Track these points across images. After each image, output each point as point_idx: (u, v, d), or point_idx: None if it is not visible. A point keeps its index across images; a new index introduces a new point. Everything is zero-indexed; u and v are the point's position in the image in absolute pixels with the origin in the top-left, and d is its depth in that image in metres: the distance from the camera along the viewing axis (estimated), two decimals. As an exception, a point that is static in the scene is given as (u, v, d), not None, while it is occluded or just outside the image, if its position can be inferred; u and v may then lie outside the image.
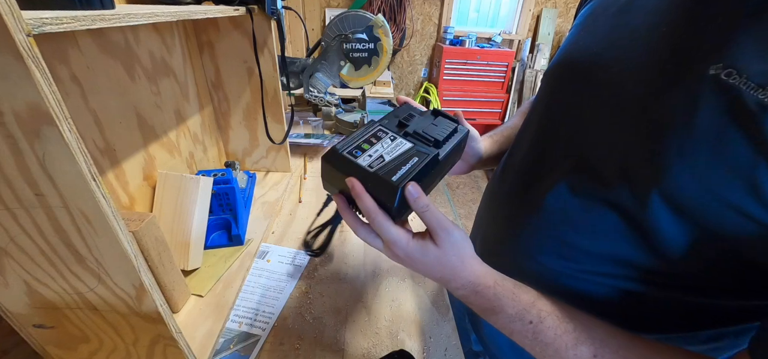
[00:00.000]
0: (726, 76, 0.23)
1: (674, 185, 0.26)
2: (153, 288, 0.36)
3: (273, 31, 0.75)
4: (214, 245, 0.68)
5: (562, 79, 0.41)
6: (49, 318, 0.39)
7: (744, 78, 0.23)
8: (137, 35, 0.58)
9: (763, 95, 0.22)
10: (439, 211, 0.35)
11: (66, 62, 0.46)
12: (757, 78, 0.22)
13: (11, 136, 0.25)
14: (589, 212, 0.35)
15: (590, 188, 0.34)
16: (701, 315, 0.34)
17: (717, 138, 0.24)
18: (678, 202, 0.27)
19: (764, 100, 0.22)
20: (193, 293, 0.58)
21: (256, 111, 0.83)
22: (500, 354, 0.54)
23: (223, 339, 0.52)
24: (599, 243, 0.34)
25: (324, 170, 0.37)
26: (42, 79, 0.23)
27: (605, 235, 0.34)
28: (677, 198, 0.27)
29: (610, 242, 0.34)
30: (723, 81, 0.23)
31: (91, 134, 0.51)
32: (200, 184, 0.62)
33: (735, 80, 0.23)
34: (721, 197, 0.24)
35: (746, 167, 0.23)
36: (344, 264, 0.67)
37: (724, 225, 0.26)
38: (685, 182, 0.26)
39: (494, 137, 0.59)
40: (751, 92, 0.22)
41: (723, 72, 0.24)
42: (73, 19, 0.27)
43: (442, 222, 0.34)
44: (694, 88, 0.25)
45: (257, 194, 0.86)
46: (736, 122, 0.23)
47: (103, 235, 0.31)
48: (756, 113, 0.22)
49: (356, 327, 0.55)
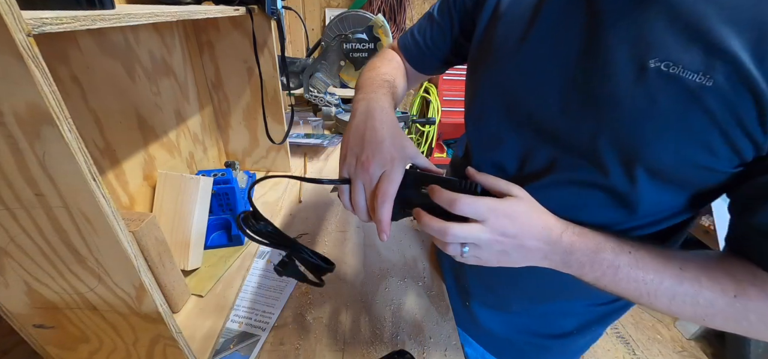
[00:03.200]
0: (665, 68, 0.30)
1: (656, 161, 0.33)
2: (153, 288, 0.36)
3: (273, 31, 0.75)
4: (214, 245, 0.68)
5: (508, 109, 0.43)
6: (49, 318, 0.39)
7: (680, 68, 0.29)
8: (137, 35, 0.58)
9: (699, 78, 0.29)
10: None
11: (66, 62, 0.46)
12: (691, 66, 0.29)
13: (11, 136, 0.25)
14: (578, 195, 0.39)
15: (586, 177, 0.38)
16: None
17: (680, 117, 0.30)
18: (659, 172, 0.33)
19: (702, 82, 0.28)
20: (193, 293, 0.58)
21: (256, 111, 0.83)
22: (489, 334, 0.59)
23: (223, 339, 0.52)
24: (581, 217, 0.38)
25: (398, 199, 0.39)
26: (42, 79, 0.23)
27: (589, 211, 0.39)
28: (658, 170, 0.33)
29: (591, 215, 0.39)
30: (664, 72, 0.30)
31: (91, 134, 0.51)
32: (200, 184, 0.62)
33: (674, 70, 0.29)
34: (690, 161, 0.32)
35: (703, 134, 0.30)
36: (344, 264, 0.67)
37: (693, 180, 0.34)
38: (664, 156, 0.32)
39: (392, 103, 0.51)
40: (689, 77, 0.29)
41: (662, 64, 0.30)
42: (73, 19, 0.27)
43: (503, 182, 0.37)
44: (645, 81, 0.31)
45: (257, 194, 0.86)
46: (689, 102, 0.29)
47: (103, 235, 0.31)
48: (698, 92, 0.29)
49: (356, 327, 0.55)
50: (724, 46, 0.27)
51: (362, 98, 0.44)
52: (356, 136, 0.40)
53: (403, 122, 1.44)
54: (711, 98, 0.28)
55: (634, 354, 1.52)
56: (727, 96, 0.28)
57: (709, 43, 0.28)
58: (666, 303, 0.34)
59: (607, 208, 0.39)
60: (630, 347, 1.56)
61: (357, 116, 0.42)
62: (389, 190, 0.37)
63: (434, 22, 0.57)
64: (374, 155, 0.38)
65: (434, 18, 0.57)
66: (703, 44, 0.28)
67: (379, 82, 0.49)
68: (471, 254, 0.35)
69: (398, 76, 0.55)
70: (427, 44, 0.58)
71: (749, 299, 0.31)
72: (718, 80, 0.28)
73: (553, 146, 0.39)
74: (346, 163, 0.40)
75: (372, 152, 0.38)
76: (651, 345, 1.57)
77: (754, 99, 0.27)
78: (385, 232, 0.37)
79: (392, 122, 0.42)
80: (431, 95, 2.51)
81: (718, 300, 0.32)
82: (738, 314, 0.32)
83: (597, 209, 0.39)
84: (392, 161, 0.38)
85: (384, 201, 0.37)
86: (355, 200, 0.39)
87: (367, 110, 0.42)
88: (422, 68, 0.61)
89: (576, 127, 0.36)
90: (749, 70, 0.27)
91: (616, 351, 1.54)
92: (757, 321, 0.32)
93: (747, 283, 0.32)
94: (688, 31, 0.29)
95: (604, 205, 0.38)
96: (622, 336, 1.61)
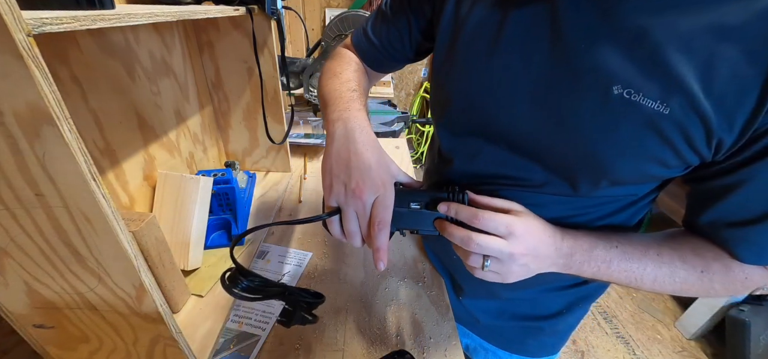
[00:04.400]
0: (627, 95, 0.32)
1: (618, 174, 0.36)
2: (153, 288, 0.36)
3: (273, 31, 0.75)
4: (214, 245, 0.68)
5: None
6: (49, 318, 0.39)
7: (641, 95, 0.31)
8: (137, 35, 0.58)
9: (656, 106, 0.31)
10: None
11: (66, 62, 0.46)
12: (650, 94, 0.31)
13: (11, 136, 0.25)
14: (544, 198, 0.42)
15: (556, 189, 0.41)
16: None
17: (639, 140, 0.33)
18: (619, 182, 0.38)
19: (659, 109, 0.31)
20: (193, 293, 0.58)
21: (256, 111, 0.83)
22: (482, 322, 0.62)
23: (223, 339, 0.52)
24: (542, 213, 0.41)
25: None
26: (42, 79, 0.23)
27: (550, 208, 0.42)
28: (619, 180, 0.37)
29: (552, 211, 0.42)
30: (626, 98, 0.32)
31: (91, 134, 0.51)
32: (200, 184, 0.62)
33: (636, 97, 0.32)
34: (646, 174, 0.36)
35: (658, 153, 0.33)
36: (344, 264, 0.67)
37: (648, 183, 0.40)
38: (624, 170, 0.36)
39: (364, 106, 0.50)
40: (648, 104, 0.31)
41: (624, 91, 0.32)
42: (73, 19, 0.27)
43: (500, 200, 0.40)
44: (609, 107, 0.33)
45: (257, 194, 0.86)
46: (646, 127, 0.32)
47: (103, 235, 0.31)
48: (655, 118, 0.32)
49: (356, 327, 0.55)
50: (679, 77, 0.30)
51: (337, 118, 0.42)
52: (340, 163, 0.39)
53: (403, 122, 1.45)
54: (666, 124, 0.31)
55: (634, 354, 1.53)
56: (680, 122, 0.31)
57: (665, 73, 0.30)
58: (650, 284, 0.39)
59: (567, 205, 0.43)
60: (630, 347, 1.56)
61: (336, 140, 0.40)
62: (386, 217, 0.37)
63: (389, 22, 0.54)
64: (364, 182, 0.37)
65: (388, 17, 0.54)
66: (660, 73, 0.31)
67: (348, 96, 0.46)
68: (492, 268, 0.37)
69: (362, 81, 0.53)
70: (384, 45, 0.55)
71: (714, 272, 0.38)
72: (674, 108, 0.31)
73: (529, 157, 0.41)
74: (333, 192, 0.39)
75: (361, 178, 0.37)
76: (651, 345, 1.57)
77: (703, 126, 0.31)
78: (382, 260, 0.38)
79: (374, 142, 0.41)
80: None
81: (690, 276, 0.38)
82: (706, 284, 0.38)
83: (558, 206, 0.43)
84: (384, 186, 0.38)
85: (381, 228, 0.37)
86: (349, 229, 0.39)
87: (346, 132, 0.40)
88: (380, 68, 0.59)
89: (547, 143, 0.38)
90: (700, 100, 0.30)
91: (616, 351, 1.54)
92: (721, 287, 0.39)
93: (710, 258, 0.38)
94: (646, 60, 0.31)
95: (565, 203, 0.43)
96: (622, 336, 1.61)
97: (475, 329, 0.64)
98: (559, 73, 0.35)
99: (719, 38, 0.29)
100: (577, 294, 0.55)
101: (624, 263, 0.39)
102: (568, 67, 0.35)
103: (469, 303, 0.61)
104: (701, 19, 0.29)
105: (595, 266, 0.39)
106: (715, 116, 0.30)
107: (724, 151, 0.32)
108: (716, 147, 0.32)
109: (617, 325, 1.66)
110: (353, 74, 0.52)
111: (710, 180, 0.36)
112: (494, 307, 0.59)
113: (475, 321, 0.62)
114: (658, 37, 0.30)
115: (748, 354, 1.38)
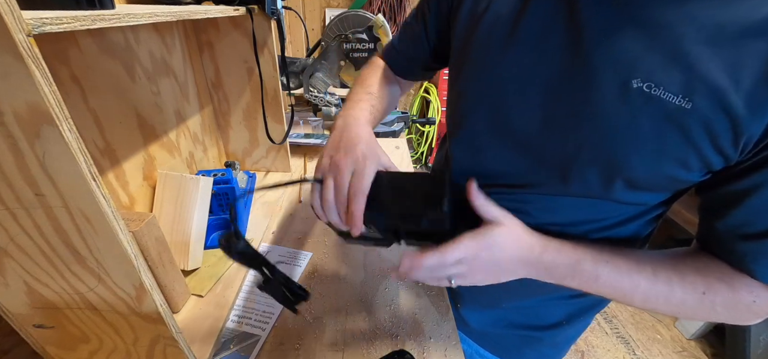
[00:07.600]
0: (647, 88, 0.31)
1: (634, 172, 0.34)
2: (153, 288, 0.36)
3: (273, 31, 0.75)
4: (214, 245, 0.67)
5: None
6: (49, 318, 0.39)
7: (662, 89, 0.30)
8: (137, 35, 0.58)
9: (678, 100, 0.30)
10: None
11: (66, 62, 0.46)
12: (671, 88, 0.30)
13: (11, 136, 0.25)
14: (554, 201, 0.42)
15: (564, 188, 0.40)
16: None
17: (658, 135, 0.31)
18: (634, 182, 0.35)
19: (681, 104, 0.30)
20: (193, 293, 0.58)
21: (256, 111, 0.83)
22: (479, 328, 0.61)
23: (223, 339, 0.52)
24: (555, 219, 0.42)
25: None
26: (42, 79, 0.23)
27: (563, 213, 0.42)
28: (634, 180, 0.35)
29: (565, 216, 0.42)
30: (646, 92, 0.31)
31: (91, 134, 0.51)
32: (200, 184, 0.62)
33: (656, 91, 0.30)
34: (664, 174, 0.34)
35: (678, 151, 0.31)
36: (344, 264, 0.67)
37: (664, 187, 0.37)
38: (640, 170, 0.34)
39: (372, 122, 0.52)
40: (669, 99, 0.30)
41: (644, 85, 0.31)
42: (73, 19, 0.27)
43: (493, 209, 0.39)
44: (628, 100, 0.32)
45: (257, 194, 0.86)
46: (667, 122, 0.31)
47: (103, 235, 0.31)
48: (677, 114, 0.30)
49: (356, 327, 0.55)
50: (703, 71, 0.29)
51: (342, 115, 0.48)
52: (332, 143, 0.43)
53: (403, 122, 1.44)
54: (689, 120, 0.30)
55: (634, 354, 1.52)
56: (706, 118, 0.29)
57: (688, 66, 0.29)
58: (641, 302, 0.37)
59: (580, 210, 0.41)
60: (630, 347, 1.56)
61: (335, 130, 0.45)
62: (361, 184, 0.38)
63: (410, 30, 0.57)
64: (347, 154, 0.40)
65: (410, 25, 0.57)
66: (682, 67, 0.29)
67: (360, 96, 0.52)
68: (457, 282, 0.39)
69: (382, 87, 0.57)
70: (406, 50, 0.58)
71: (717, 293, 0.35)
72: (698, 103, 0.29)
73: (533, 157, 0.40)
74: (320, 166, 0.42)
75: (345, 151, 0.40)
76: (651, 345, 1.57)
77: (731, 123, 0.29)
78: (356, 226, 0.38)
79: (367, 132, 0.44)
80: (431, 95, 2.51)
81: (689, 297, 0.36)
82: (707, 307, 0.36)
83: (570, 211, 0.42)
84: (364, 159, 0.39)
85: (356, 193, 0.38)
86: (325, 197, 0.40)
87: (345, 123, 0.45)
88: (406, 75, 0.61)
89: (558, 140, 0.37)
90: (729, 96, 0.28)
91: (616, 351, 1.54)
92: (724, 311, 0.36)
93: (714, 279, 0.35)
94: (667, 53, 0.30)
95: (577, 207, 0.41)
96: (622, 336, 1.61)
97: (473, 336, 0.64)
98: (576, 66, 0.34)
99: (748, 32, 0.27)
100: (579, 304, 0.54)
101: (613, 279, 0.37)
102: (586, 60, 0.34)
103: (469, 310, 0.60)
104: (728, 11, 0.28)
105: (580, 280, 0.38)
106: (746, 112, 0.28)
107: (749, 151, 0.30)
108: (743, 147, 0.30)
109: (617, 325, 1.66)
110: (375, 80, 0.57)
111: (724, 184, 0.34)
112: (493, 315, 0.59)
113: (473, 329, 0.62)
114: (681, 29, 0.29)
115: (748, 354, 1.38)
